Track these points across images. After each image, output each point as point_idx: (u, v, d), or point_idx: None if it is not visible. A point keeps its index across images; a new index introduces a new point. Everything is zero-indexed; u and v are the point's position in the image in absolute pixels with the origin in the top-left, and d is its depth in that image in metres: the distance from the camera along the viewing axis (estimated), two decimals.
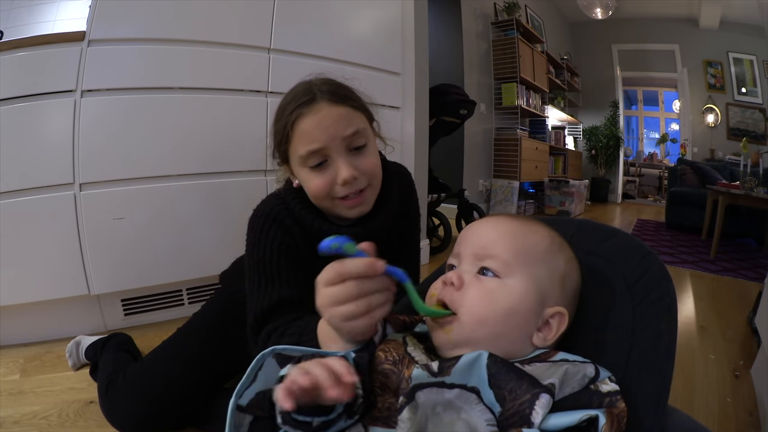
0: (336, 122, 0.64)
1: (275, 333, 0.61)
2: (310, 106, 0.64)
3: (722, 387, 1.19)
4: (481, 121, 3.94)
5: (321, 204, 0.69)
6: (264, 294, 0.66)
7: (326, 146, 0.64)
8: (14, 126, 1.17)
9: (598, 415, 0.32)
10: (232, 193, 1.45)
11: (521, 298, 0.42)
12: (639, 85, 6.51)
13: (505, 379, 0.35)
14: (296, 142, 0.65)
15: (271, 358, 0.41)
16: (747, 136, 4.93)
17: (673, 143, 6.25)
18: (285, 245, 0.69)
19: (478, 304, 0.41)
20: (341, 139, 0.64)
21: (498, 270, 0.43)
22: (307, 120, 0.63)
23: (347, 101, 0.67)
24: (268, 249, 0.68)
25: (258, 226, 0.70)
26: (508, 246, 0.44)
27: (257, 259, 0.68)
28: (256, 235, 0.70)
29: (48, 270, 1.26)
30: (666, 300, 0.43)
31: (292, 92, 0.68)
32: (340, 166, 0.64)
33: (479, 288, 0.42)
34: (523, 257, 0.43)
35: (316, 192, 0.66)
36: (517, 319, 0.42)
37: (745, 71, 5.35)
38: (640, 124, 6.80)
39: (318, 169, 0.65)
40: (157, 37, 1.31)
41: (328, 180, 0.65)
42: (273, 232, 0.69)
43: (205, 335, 0.95)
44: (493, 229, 0.46)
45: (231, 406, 0.38)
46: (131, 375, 0.90)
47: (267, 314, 0.64)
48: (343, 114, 0.65)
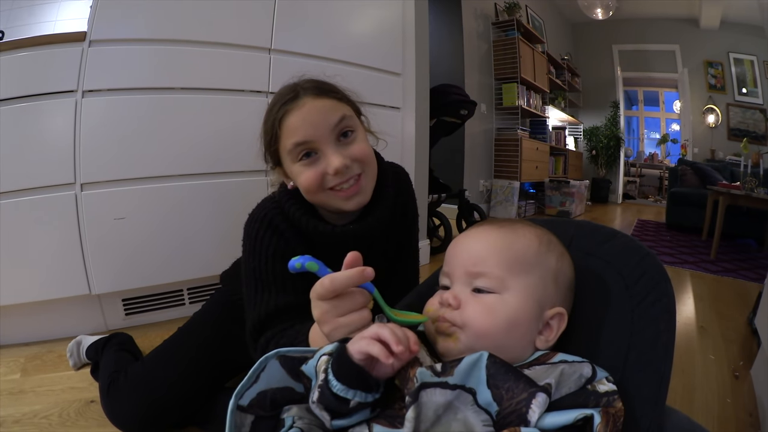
0: (321, 114, 0.65)
1: (272, 341, 0.62)
2: (295, 102, 0.65)
3: (722, 387, 1.19)
4: (481, 121, 3.94)
5: (316, 199, 0.68)
6: (260, 301, 0.66)
7: (313, 139, 0.64)
8: (15, 126, 1.18)
9: (593, 414, 0.32)
10: (233, 193, 1.45)
11: (520, 309, 0.42)
12: (639, 86, 6.50)
13: (503, 379, 0.35)
14: (284, 139, 0.65)
15: (274, 360, 0.41)
16: (747, 136, 4.93)
17: (673, 144, 6.25)
18: (280, 251, 0.68)
19: (479, 319, 0.42)
20: (328, 130, 0.65)
21: (493, 287, 0.43)
22: (293, 115, 0.64)
23: (330, 94, 0.68)
24: (263, 255, 0.68)
25: (253, 232, 0.70)
26: (498, 260, 0.44)
27: (253, 266, 0.68)
28: (252, 242, 0.70)
29: (49, 270, 1.26)
30: (664, 301, 0.44)
31: (278, 94, 0.69)
32: (330, 156, 0.64)
33: (478, 303, 0.43)
34: (515, 268, 0.44)
35: (309, 185, 0.65)
36: (519, 329, 0.42)
37: (745, 71, 5.35)
38: (640, 125, 6.80)
39: (309, 163, 0.65)
40: (157, 38, 1.31)
41: (319, 171, 0.65)
42: (268, 239, 0.69)
43: (206, 334, 0.95)
44: (480, 242, 0.46)
45: (231, 407, 0.38)
46: (132, 374, 0.90)
47: (264, 322, 0.64)
48: (328, 105, 0.66)
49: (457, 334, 0.42)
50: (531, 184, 4.65)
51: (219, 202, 1.44)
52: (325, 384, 0.36)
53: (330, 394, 0.35)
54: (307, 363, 0.39)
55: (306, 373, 0.39)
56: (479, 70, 3.89)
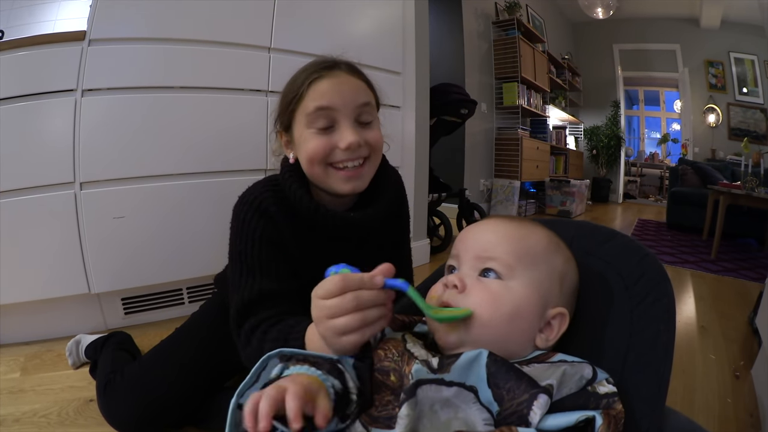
0: (352, 90, 0.67)
1: (258, 331, 0.60)
2: (331, 71, 0.67)
3: (723, 387, 1.19)
4: (482, 120, 3.93)
5: (314, 171, 0.67)
6: (244, 284, 0.65)
7: (337, 107, 0.65)
8: (15, 125, 1.18)
9: (595, 416, 0.32)
10: (232, 192, 1.42)
11: (524, 300, 0.42)
12: (640, 85, 6.49)
13: (504, 379, 0.35)
14: (308, 100, 0.66)
15: (276, 359, 0.41)
16: (748, 136, 4.92)
17: (674, 143, 6.24)
18: (267, 236, 0.68)
19: (483, 306, 0.41)
20: (353, 106, 0.66)
21: (501, 272, 0.43)
22: (326, 81, 0.65)
23: (363, 76, 0.71)
24: (250, 239, 0.67)
25: (241, 214, 0.70)
26: (509, 248, 0.44)
27: (239, 249, 0.68)
28: (239, 224, 0.69)
29: (48, 269, 1.26)
30: (664, 301, 0.43)
31: (313, 62, 0.70)
32: (345, 130, 0.65)
33: (482, 290, 0.42)
34: (524, 259, 0.44)
35: (315, 152, 0.65)
36: (521, 321, 0.42)
37: (746, 71, 5.34)
38: (641, 124, 6.79)
39: (322, 132, 0.66)
40: (157, 37, 1.31)
41: (329, 142, 0.65)
42: (255, 222, 0.68)
43: (203, 335, 0.94)
44: (494, 231, 0.46)
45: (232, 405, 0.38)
46: (129, 374, 0.90)
47: (248, 307, 0.63)
48: (360, 85, 0.68)
49: (458, 327, 0.41)
50: (531, 184, 4.64)
51: (219, 202, 1.44)
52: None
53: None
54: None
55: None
56: (480, 70, 3.89)
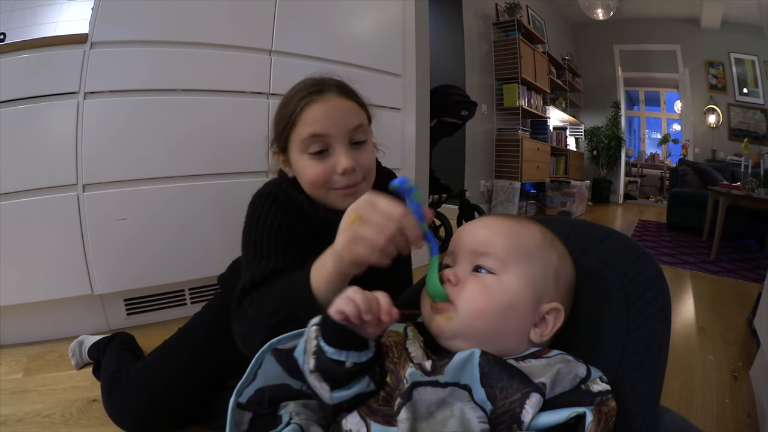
0: (343, 113, 0.66)
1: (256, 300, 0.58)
2: (320, 95, 0.66)
3: (721, 388, 1.19)
4: (482, 121, 3.94)
5: (315, 193, 0.69)
6: (258, 264, 0.62)
7: (330, 134, 0.65)
8: (18, 127, 1.18)
9: (585, 412, 0.33)
10: (234, 193, 1.45)
11: (517, 293, 0.43)
12: (640, 86, 6.49)
13: (497, 378, 0.35)
14: (301, 126, 0.66)
15: (269, 356, 0.42)
16: (748, 136, 4.91)
17: (674, 144, 6.24)
18: (285, 227, 0.67)
19: (476, 297, 0.42)
20: (346, 130, 0.66)
21: (493, 267, 0.44)
22: (316, 107, 0.65)
23: (353, 97, 0.70)
24: (267, 230, 0.66)
25: (258, 207, 0.70)
26: (502, 244, 0.45)
27: (254, 238, 0.66)
28: (256, 217, 0.68)
29: (51, 270, 1.27)
30: (660, 300, 0.44)
31: (300, 84, 0.70)
32: (340, 155, 0.66)
33: (476, 282, 0.43)
34: (518, 254, 0.44)
35: (314, 179, 0.66)
36: (514, 314, 0.43)
37: (746, 72, 5.34)
38: (641, 125, 6.79)
39: (318, 157, 0.66)
40: (159, 39, 1.32)
41: (327, 168, 0.66)
42: (273, 213, 0.68)
43: (206, 335, 0.95)
44: (487, 227, 0.47)
45: (231, 405, 0.39)
46: (134, 374, 0.91)
47: (257, 282, 0.60)
48: (350, 107, 0.68)
49: (451, 313, 0.43)
50: (532, 185, 4.64)
51: (221, 203, 1.45)
52: (319, 350, 0.37)
53: (326, 359, 0.36)
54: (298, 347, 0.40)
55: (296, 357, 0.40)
56: (480, 71, 3.89)
